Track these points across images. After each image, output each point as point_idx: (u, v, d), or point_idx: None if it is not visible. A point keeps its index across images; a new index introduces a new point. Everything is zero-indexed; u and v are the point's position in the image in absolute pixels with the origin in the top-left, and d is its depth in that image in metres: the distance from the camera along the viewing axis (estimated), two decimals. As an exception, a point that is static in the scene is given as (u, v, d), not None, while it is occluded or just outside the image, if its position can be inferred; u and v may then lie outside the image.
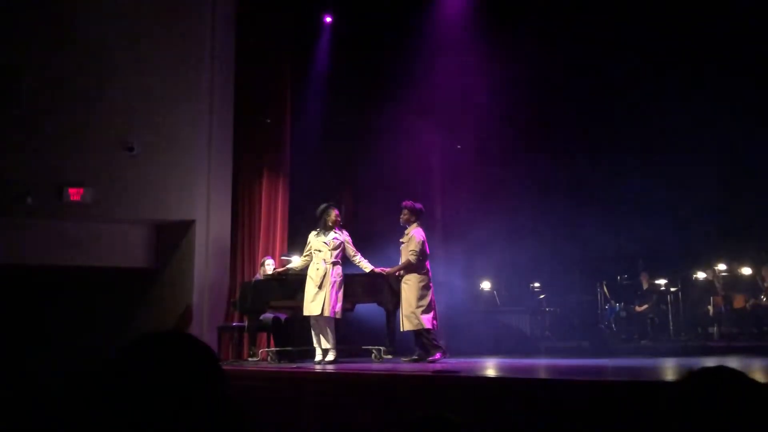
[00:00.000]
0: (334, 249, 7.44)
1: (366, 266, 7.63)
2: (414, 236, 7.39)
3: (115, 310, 9.02)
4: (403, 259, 7.45)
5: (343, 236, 7.58)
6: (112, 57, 8.98)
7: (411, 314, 7.26)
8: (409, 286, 7.35)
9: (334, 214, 7.52)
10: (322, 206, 7.62)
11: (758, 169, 10.23)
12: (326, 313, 7.25)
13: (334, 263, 7.41)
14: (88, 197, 8.76)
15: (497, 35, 10.33)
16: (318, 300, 7.26)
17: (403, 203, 7.64)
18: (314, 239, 7.50)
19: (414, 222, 7.53)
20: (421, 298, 7.27)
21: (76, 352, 7.99)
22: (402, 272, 7.44)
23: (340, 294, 7.37)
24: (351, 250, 7.60)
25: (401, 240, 7.57)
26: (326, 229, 7.48)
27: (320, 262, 7.38)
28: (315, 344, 7.47)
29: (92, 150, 8.88)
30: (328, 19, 11.02)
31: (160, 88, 9.15)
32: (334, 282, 7.34)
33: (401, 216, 7.59)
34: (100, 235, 9.15)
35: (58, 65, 8.79)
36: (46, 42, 8.75)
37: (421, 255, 7.36)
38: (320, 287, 7.27)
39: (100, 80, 8.93)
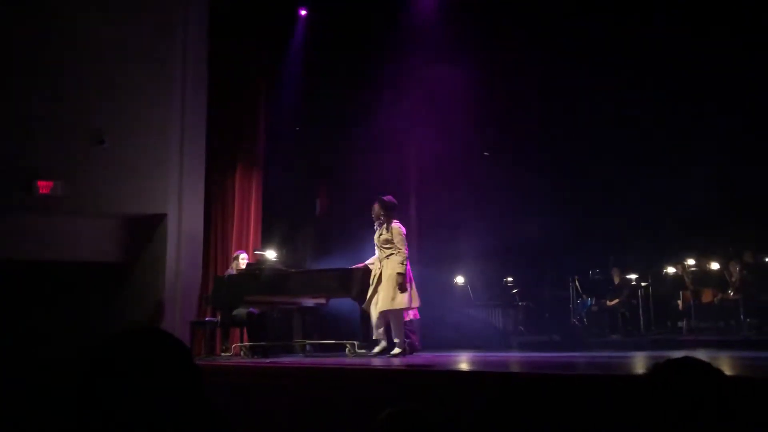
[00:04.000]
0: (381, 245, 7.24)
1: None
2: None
3: (85, 305, 8.90)
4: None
5: (386, 230, 7.22)
6: (82, 48, 8.84)
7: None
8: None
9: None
10: None
11: (726, 169, 10.42)
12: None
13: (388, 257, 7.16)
14: (57, 190, 8.62)
15: (475, 29, 10.37)
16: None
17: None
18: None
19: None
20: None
21: (45, 348, 7.89)
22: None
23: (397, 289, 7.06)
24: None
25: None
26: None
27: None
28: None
29: (62, 142, 8.74)
30: (303, 12, 10.97)
31: (131, 79, 9.03)
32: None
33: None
34: (70, 229, 9.01)
35: (27, 56, 8.64)
36: (14, 32, 8.59)
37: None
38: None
39: (69, 71, 8.79)
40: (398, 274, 6.93)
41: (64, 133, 8.72)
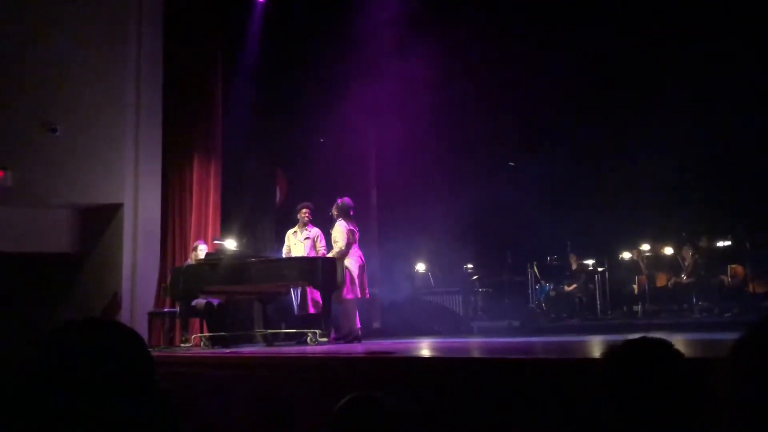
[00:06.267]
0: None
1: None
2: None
3: (39, 297, 8.71)
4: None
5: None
6: (34, 33, 8.60)
7: None
8: None
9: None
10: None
11: (678, 156, 10.63)
12: None
13: None
14: (9, 180, 8.41)
15: (435, 21, 10.36)
16: None
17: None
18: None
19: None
20: None
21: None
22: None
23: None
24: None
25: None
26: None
27: None
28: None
29: (13, 131, 8.51)
30: (261, -1, 10.80)
31: (84, 66, 8.83)
32: None
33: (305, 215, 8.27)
34: (23, 219, 8.79)
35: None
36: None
37: None
38: None
39: (20, 58, 8.55)
40: None
41: (14, 121, 8.49)
